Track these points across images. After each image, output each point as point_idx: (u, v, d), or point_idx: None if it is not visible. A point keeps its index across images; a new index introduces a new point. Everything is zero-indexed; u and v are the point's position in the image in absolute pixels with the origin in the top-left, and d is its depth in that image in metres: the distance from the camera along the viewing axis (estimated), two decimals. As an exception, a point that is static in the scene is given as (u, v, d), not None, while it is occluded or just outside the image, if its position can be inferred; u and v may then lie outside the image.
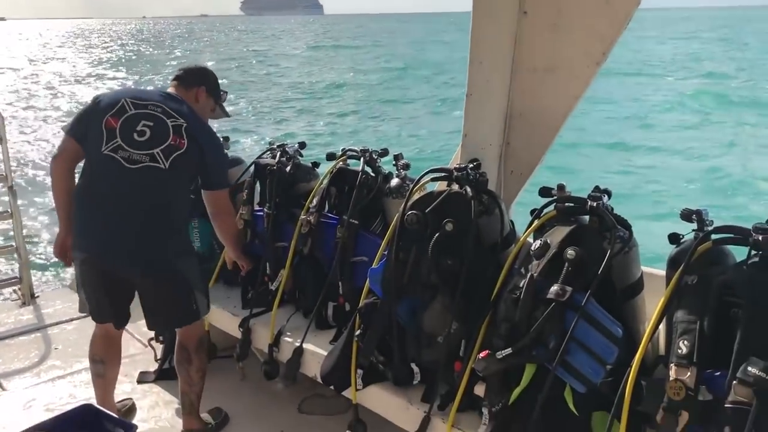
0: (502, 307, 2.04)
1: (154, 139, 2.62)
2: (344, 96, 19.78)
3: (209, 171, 2.76)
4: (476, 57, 2.61)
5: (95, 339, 2.93)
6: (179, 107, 2.74)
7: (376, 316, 2.42)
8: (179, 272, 2.71)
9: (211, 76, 3.04)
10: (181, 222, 2.79)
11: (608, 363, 1.82)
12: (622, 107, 16.43)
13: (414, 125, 16.34)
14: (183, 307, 2.77)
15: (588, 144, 13.04)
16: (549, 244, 2.02)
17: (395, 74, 22.14)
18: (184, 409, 2.91)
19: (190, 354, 2.86)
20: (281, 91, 20.57)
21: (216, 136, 2.88)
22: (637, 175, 11.55)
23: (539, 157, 2.74)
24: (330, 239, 2.91)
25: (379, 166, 3.06)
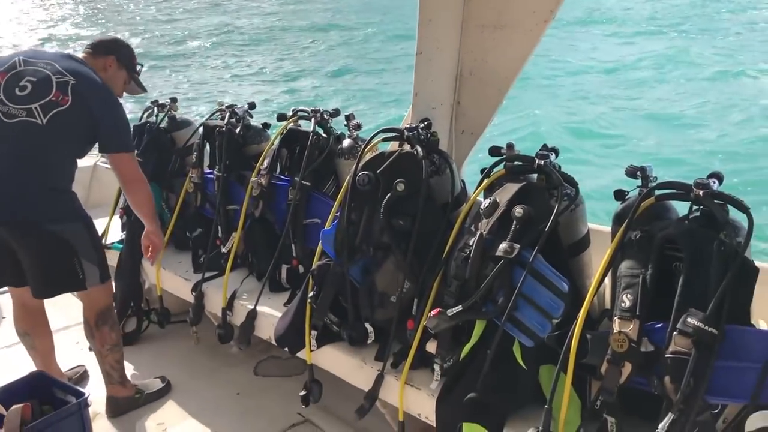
0: (452, 265, 2.06)
1: (34, 94, 2.53)
2: (296, 54, 19.45)
3: (103, 132, 2.65)
4: (425, 15, 2.58)
5: (15, 312, 2.87)
6: (74, 66, 2.65)
7: (329, 278, 2.42)
8: (56, 235, 2.59)
9: (125, 48, 2.95)
10: (60, 182, 2.64)
11: (555, 317, 1.87)
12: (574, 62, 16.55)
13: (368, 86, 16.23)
14: (63, 272, 2.66)
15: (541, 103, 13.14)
16: (498, 202, 2.04)
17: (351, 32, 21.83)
18: (104, 379, 2.89)
19: (92, 328, 2.82)
20: (232, 49, 20.09)
21: (112, 97, 2.74)
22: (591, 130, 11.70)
23: (490, 116, 2.75)
24: (282, 201, 2.89)
25: (331, 126, 3.02)
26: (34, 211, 2.55)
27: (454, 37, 2.66)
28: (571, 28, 18.58)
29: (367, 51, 19.32)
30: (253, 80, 16.86)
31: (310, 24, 23.09)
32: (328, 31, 21.91)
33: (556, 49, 15.84)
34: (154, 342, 3.47)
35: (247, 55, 19.58)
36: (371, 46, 19.83)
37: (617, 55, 16.58)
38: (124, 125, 2.75)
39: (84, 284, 2.70)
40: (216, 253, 3.12)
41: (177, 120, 3.52)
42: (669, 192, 1.87)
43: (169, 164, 3.39)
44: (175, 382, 3.10)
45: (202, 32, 22.74)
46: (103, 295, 2.82)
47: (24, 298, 2.80)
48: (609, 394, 1.73)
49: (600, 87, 14.10)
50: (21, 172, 2.53)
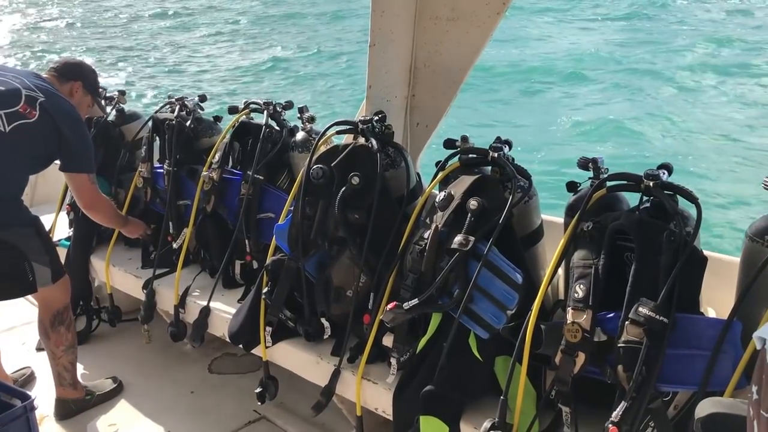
0: (408, 259, 2.06)
1: (1, 102, 2.52)
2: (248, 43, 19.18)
3: (65, 152, 2.66)
4: (378, 6, 2.56)
5: None
6: (44, 86, 2.67)
7: (283, 273, 2.38)
8: (3, 241, 2.56)
9: (90, 73, 2.99)
10: (9, 192, 2.62)
11: (509, 308, 1.87)
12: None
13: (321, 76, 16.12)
14: (11, 277, 2.64)
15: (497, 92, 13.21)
16: (453, 195, 2.04)
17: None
18: (55, 381, 2.83)
19: (47, 329, 2.77)
20: (185, 39, 19.69)
21: (79, 120, 2.75)
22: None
23: (444, 108, 2.75)
24: (234, 196, 2.84)
25: (284, 119, 2.98)
26: None
27: (408, 29, 2.65)
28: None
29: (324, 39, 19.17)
30: (206, 72, 16.57)
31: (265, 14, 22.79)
32: (287, 20, 21.63)
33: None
34: (105, 341, 3.38)
35: (200, 45, 19.23)
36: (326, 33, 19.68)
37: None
38: (88, 148, 2.74)
39: (35, 286, 2.66)
40: (167, 250, 3.05)
41: (126, 113, 3.42)
42: (620, 183, 1.90)
43: (117, 158, 3.29)
44: (127, 382, 3.03)
45: (152, 21, 22.22)
46: (60, 294, 2.77)
47: None
48: (563, 384, 1.75)
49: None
50: None
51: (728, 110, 11.60)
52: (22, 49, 19.10)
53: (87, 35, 20.62)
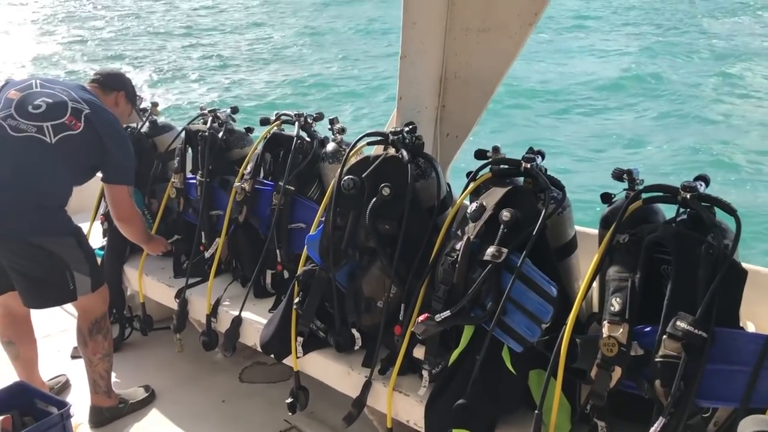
0: (439, 270, 2.04)
1: (48, 113, 2.58)
2: (280, 57, 19.42)
3: (107, 163, 2.70)
4: (409, 18, 2.57)
5: (0, 320, 2.83)
6: (89, 98, 2.72)
7: (314, 283, 2.39)
8: (46, 249, 2.59)
9: (128, 82, 3.07)
10: (54, 202, 2.66)
11: (544, 322, 1.85)
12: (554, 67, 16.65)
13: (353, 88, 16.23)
14: (53, 284, 2.66)
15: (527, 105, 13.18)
16: (485, 206, 2.03)
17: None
18: (90, 389, 2.86)
19: (85, 337, 2.80)
20: (213, 50, 20.03)
21: (122, 133, 2.82)
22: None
23: (475, 119, 2.74)
24: (266, 206, 2.86)
25: (315, 130, 3.00)
26: (24, 225, 2.53)
27: (439, 40, 2.65)
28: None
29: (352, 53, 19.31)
30: (237, 85, 16.79)
31: (295, 30, 23.03)
32: (314, 36, 21.88)
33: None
34: (137, 350, 3.42)
35: (233, 61, 19.50)
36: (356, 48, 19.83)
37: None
38: (130, 160, 2.79)
39: (74, 295, 2.69)
40: (199, 259, 3.08)
41: (159, 125, 3.47)
42: (656, 195, 1.87)
43: (150, 169, 3.34)
44: (158, 391, 3.06)
45: (181, 36, 22.60)
46: (99, 303, 2.80)
47: (10, 306, 2.77)
48: (599, 399, 1.72)
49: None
50: (17, 185, 2.52)
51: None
52: (64, 61, 19.54)
53: (123, 47, 21.02)
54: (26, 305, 2.71)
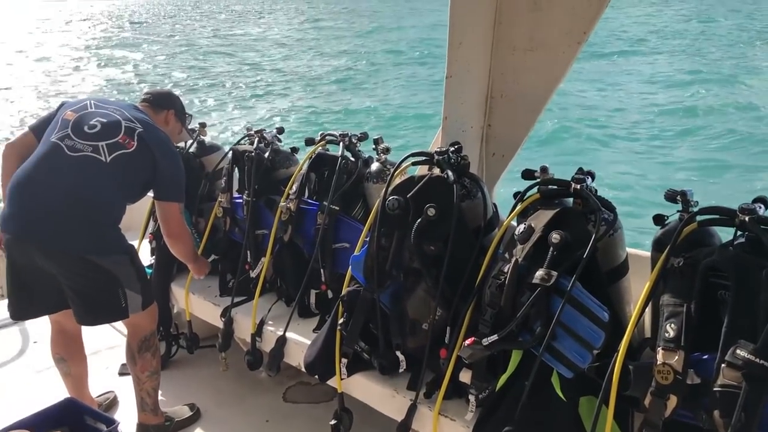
0: (486, 293, 2.01)
1: (103, 133, 2.64)
2: (322, 80, 19.74)
3: (159, 181, 2.74)
4: (455, 38, 2.55)
5: (53, 337, 2.90)
6: (141, 117, 2.79)
7: (359, 304, 2.38)
8: (100, 267, 2.62)
9: (178, 100, 3.15)
10: (108, 219, 2.70)
11: (595, 348, 1.80)
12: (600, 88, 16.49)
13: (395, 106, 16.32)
14: (106, 301, 2.69)
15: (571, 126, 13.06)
16: (533, 227, 1.99)
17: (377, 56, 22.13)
18: (138, 406, 2.88)
19: (134, 354, 2.82)
20: (262, 75, 20.48)
21: (174, 151, 2.86)
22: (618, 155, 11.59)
23: (521, 138, 2.71)
24: (310, 226, 2.86)
25: (359, 150, 3.01)
26: (80, 242, 2.58)
27: (485, 60, 2.63)
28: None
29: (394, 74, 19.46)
30: (281, 106, 17.08)
31: (338, 51, 23.35)
32: (359, 58, 22.15)
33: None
34: (183, 367, 3.45)
35: (278, 83, 19.84)
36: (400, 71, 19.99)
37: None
38: (181, 177, 2.84)
39: (126, 313, 2.72)
40: (245, 278, 3.11)
41: (206, 145, 3.52)
42: (712, 217, 1.81)
43: (198, 188, 3.39)
44: (203, 409, 3.08)
45: (228, 60, 23.10)
46: (148, 321, 2.83)
47: (63, 323, 2.82)
48: (653, 428, 1.66)
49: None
50: (73, 204, 2.57)
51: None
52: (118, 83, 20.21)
53: (176, 72, 21.63)
54: (79, 322, 2.74)
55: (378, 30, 24.96)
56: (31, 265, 2.61)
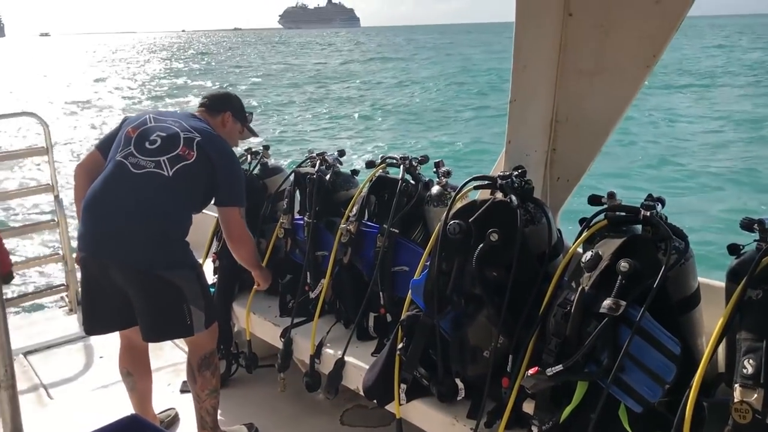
0: (551, 321, 1.95)
1: (163, 147, 2.69)
2: (395, 108, 20.08)
3: (219, 187, 2.78)
4: (520, 61, 2.53)
5: (121, 351, 2.96)
6: (198, 125, 2.83)
7: (418, 329, 2.36)
8: (168, 281, 2.66)
9: (235, 100, 3.14)
10: (177, 232, 2.74)
11: (666, 382, 1.73)
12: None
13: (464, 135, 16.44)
14: (172, 318, 2.72)
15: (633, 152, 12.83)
16: (600, 255, 1.93)
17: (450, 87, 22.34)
18: (198, 424, 2.91)
19: (194, 372, 2.85)
20: (331, 105, 21.00)
21: (232, 156, 2.90)
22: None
23: (587, 163, 2.65)
24: (370, 248, 2.86)
25: (419, 173, 3.00)
26: (148, 256, 2.64)
27: (550, 83, 2.60)
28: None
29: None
30: (343, 129, 17.38)
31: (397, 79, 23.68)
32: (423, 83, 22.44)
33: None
34: (242, 387, 3.48)
35: (338, 107, 20.22)
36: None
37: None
38: (240, 182, 2.89)
39: (191, 330, 2.75)
40: (304, 299, 3.12)
41: (269, 167, 3.59)
42: None
43: (260, 209, 3.44)
44: (261, 429, 3.09)
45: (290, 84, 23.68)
46: (208, 339, 2.87)
47: (131, 338, 2.89)
48: (729, 469, 1.58)
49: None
50: (140, 220, 2.64)
51: None
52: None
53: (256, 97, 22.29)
54: (145, 339, 2.79)
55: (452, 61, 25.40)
56: (104, 282, 2.69)
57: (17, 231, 5.99)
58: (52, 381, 3.66)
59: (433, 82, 22.82)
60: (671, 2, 2.21)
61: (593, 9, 2.45)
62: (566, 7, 2.51)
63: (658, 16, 2.25)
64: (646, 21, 2.30)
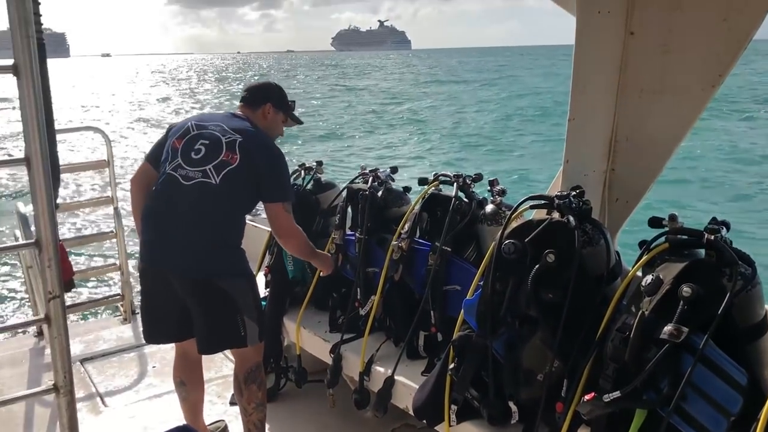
0: (609, 346, 1.90)
1: (208, 156, 2.70)
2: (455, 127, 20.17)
3: (265, 184, 2.76)
4: (579, 80, 2.49)
5: (176, 361, 3.00)
6: (239, 125, 2.81)
7: (470, 350, 2.32)
8: (223, 291, 2.68)
9: (275, 90, 3.06)
10: (232, 238, 2.76)
11: (732, 414, 1.66)
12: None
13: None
14: (227, 328, 2.74)
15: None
16: (662, 279, 1.88)
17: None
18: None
19: (241, 385, 2.86)
20: (386, 127, 21.26)
21: (275, 152, 2.85)
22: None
23: (648, 184, 2.59)
24: (422, 266, 2.84)
25: (473, 191, 2.97)
26: (208, 270, 2.69)
27: (609, 103, 2.55)
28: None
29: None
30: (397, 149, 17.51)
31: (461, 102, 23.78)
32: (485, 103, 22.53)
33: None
34: (290, 401, 3.49)
35: (393, 129, 20.36)
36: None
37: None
38: (285, 176, 2.87)
39: (245, 341, 2.77)
40: (354, 315, 3.12)
41: (322, 182, 3.61)
42: None
43: (313, 225, 3.46)
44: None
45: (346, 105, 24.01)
46: (255, 353, 2.89)
47: (186, 347, 2.94)
48: None
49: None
50: (195, 229, 2.69)
51: None
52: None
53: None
54: (200, 350, 2.83)
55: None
56: (164, 293, 2.74)
57: (78, 241, 6.19)
58: (106, 389, 3.74)
59: (488, 104, 22.80)
60: (739, 19, 2.14)
61: (656, 27, 2.41)
62: (627, 26, 2.47)
63: (724, 34, 2.20)
64: (712, 39, 2.24)
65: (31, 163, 1.41)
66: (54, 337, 1.56)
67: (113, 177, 4.81)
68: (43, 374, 3.90)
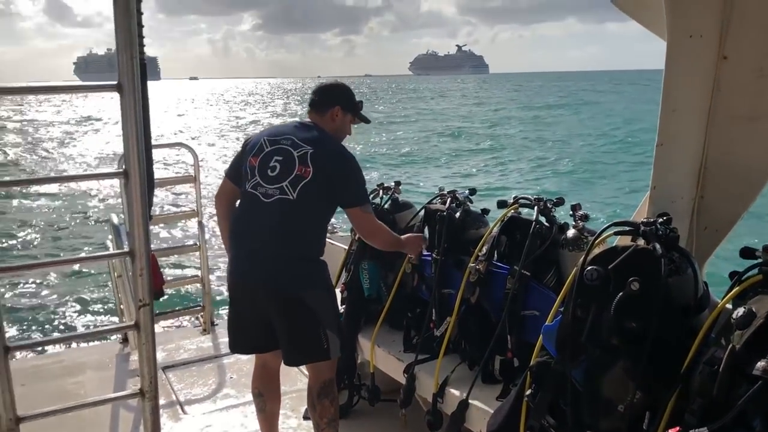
0: (696, 379, 1.83)
1: (283, 172, 2.77)
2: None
3: (339, 190, 2.80)
4: (669, 105, 2.43)
5: (255, 372, 3.08)
6: (308, 135, 2.85)
7: (548, 376, 2.28)
8: (306, 304, 2.73)
9: (343, 92, 3.06)
10: (314, 252, 2.82)
11: (833, 459, 1.56)
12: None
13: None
14: (310, 341, 2.78)
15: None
16: (754, 312, 1.79)
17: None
18: None
19: (314, 399, 2.89)
20: (466, 152, 21.28)
21: (346, 156, 2.88)
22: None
23: (739, 213, 2.48)
24: (499, 289, 2.82)
25: (554, 215, 2.93)
26: (289, 281, 2.76)
27: (700, 128, 2.47)
28: None
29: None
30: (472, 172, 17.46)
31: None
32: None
33: None
34: (362, 419, 3.51)
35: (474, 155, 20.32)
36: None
37: None
38: (359, 180, 2.90)
39: (328, 354, 2.83)
40: (429, 336, 3.12)
41: (399, 202, 3.64)
42: None
43: (390, 244, 3.48)
44: (380, 463, 3.09)
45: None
46: (329, 368, 2.93)
47: (266, 359, 3.02)
48: None
49: None
50: (279, 245, 2.77)
51: None
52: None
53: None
54: (286, 362, 2.91)
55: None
56: (251, 307, 2.84)
57: (165, 252, 6.45)
58: (186, 396, 3.86)
59: (576, 130, 22.47)
60: None
61: (751, 51, 2.32)
62: (720, 49, 2.40)
63: None
64: None
65: (129, 176, 1.47)
66: (142, 343, 1.62)
67: (199, 192, 5.00)
68: (127, 380, 4.07)
